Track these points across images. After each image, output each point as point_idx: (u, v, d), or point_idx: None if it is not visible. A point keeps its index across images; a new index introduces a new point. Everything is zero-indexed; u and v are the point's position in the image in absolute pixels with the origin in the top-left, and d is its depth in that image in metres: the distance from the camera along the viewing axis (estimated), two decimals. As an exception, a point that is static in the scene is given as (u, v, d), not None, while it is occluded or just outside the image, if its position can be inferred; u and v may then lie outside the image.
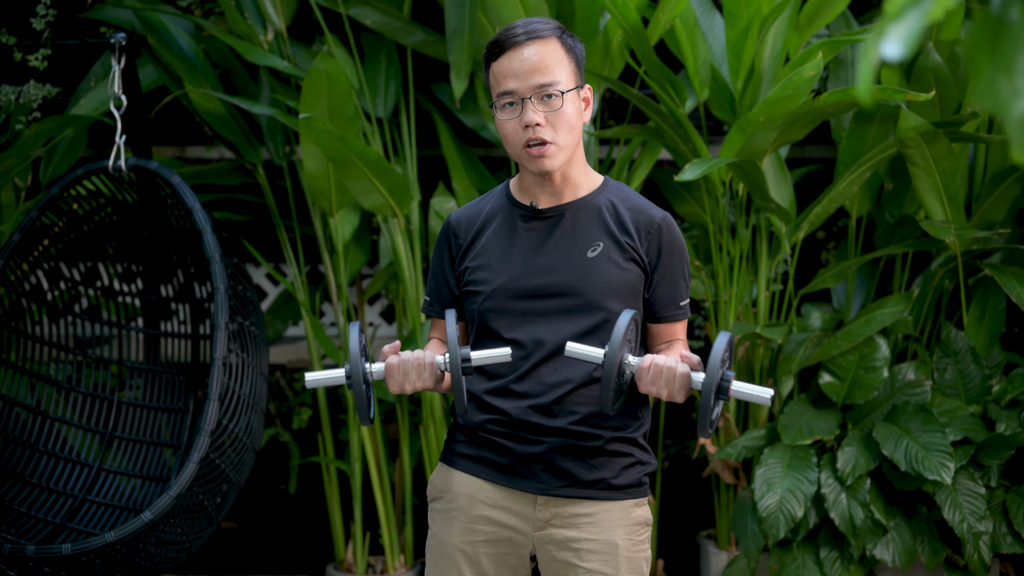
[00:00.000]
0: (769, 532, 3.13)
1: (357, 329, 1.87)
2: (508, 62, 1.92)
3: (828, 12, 3.21)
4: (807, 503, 3.13)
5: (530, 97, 1.91)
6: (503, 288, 1.98)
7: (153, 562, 2.91)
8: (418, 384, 1.88)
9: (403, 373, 1.87)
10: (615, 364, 1.77)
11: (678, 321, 2.03)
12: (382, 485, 3.58)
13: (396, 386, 1.87)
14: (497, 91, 1.94)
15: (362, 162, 3.09)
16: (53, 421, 3.33)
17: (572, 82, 1.94)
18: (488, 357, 1.87)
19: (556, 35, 1.95)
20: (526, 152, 1.93)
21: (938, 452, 3.05)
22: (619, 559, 1.98)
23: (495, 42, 1.95)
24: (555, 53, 1.93)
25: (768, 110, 2.97)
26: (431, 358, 1.87)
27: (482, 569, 2.02)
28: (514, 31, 1.94)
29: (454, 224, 2.08)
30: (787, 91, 2.92)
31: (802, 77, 2.88)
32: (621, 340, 1.77)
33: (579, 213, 2.00)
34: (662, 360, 1.81)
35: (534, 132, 1.91)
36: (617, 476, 2.00)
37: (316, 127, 2.96)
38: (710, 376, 1.76)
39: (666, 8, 3.14)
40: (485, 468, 2.01)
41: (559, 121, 1.92)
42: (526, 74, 1.91)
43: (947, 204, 3.23)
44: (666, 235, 1.99)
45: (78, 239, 3.36)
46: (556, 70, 1.92)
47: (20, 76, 3.71)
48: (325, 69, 3.04)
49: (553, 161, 1.93)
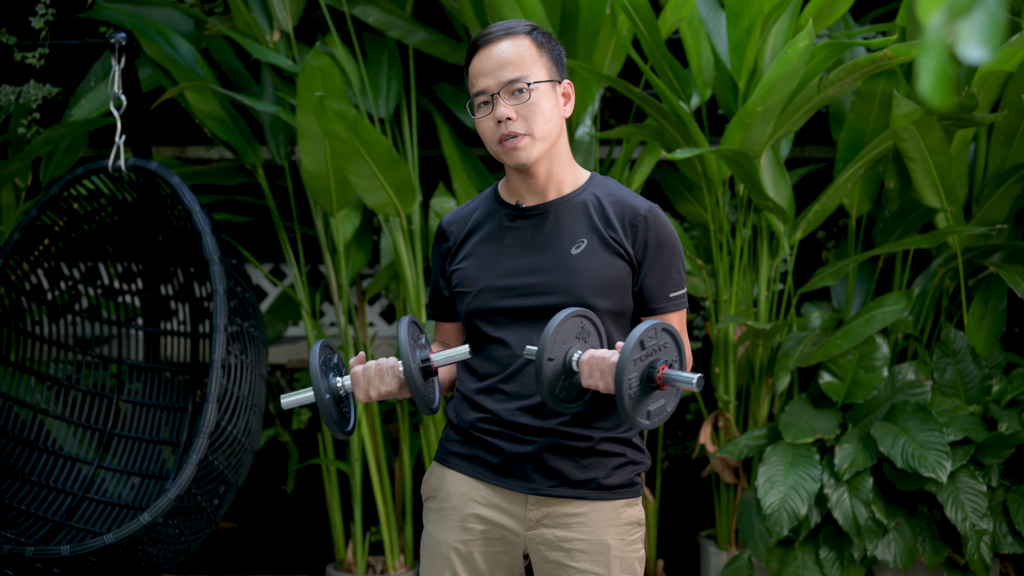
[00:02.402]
0: (772, 530, 3.13)
1: (318, 347, 1.92)
2: (480, 62, 1.95)
3: (831, 12, 3.20)
4: (810, 500, 3.13)
5: (499, 93, 1.92)
6: (489, 288, 1.99)
7: (151, 562, 2.91)
8: (382, 389, 1.91)
9: (367, 380, 1.92)
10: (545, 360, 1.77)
11: (669, 313, 2.00)
12: (382, 485, 3.58)
13: (362, 394, 1.92)
14: (473, 91, 1.97)
15: (370, 154, 3.07)
16: (53, 419, 3.33)
17: (545, 76, 1.95)
18: (448, 357, 1.90)
19: (526, 31, 1.97)
20: (502, 147, 1.95)
21: (935, 450, 3.05)
22: (611, 559, 1.98)
23: (470, 44, 1.99)
24: (525, 49, 1.94)
25: (766, 96, 2.96)
26: (391, 363, 1.91)
27: (476, 567, 2.02)
28: (487, 30, 1.97)
29: (445, 228, 2.10)
30: (783, 68, 2.90)
31: (796, 48, 2.87)
32: (550, 337, 1.77)
33: (564, 210, 2.00)
34: (599, 353, 1.80)
35: (506, 126, 1.92)
36: (608, 476, 2.00)
37: (328, 108, 2.94)
38: (622, 360, 1.72)
39: (673, 8, 3.13)
40: (477, 467, 2.02)
41: (531, 113, 1.93)
42: (496, 71, 1.93)
43: (944, 197, 3.23)
44: (652, 227, 1.98)
45: (78, 239, 3.36)
46: (526, 65, 1.93)
47: (20, 76, 3.71)
48: (318, 65, 3.04)
49: (528, 153, 1.94)
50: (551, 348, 1.78)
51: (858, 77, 3.06)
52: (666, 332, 1.81)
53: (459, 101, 3.60)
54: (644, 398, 1.77)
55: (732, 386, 3.44)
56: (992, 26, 0.80)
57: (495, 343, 1.99)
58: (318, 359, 1.90)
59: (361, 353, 1.96)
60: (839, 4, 3.19)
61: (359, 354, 1.95)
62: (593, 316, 1.88)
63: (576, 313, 1.83)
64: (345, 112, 2.95)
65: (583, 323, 1.85)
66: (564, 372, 1.82)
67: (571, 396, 1.86)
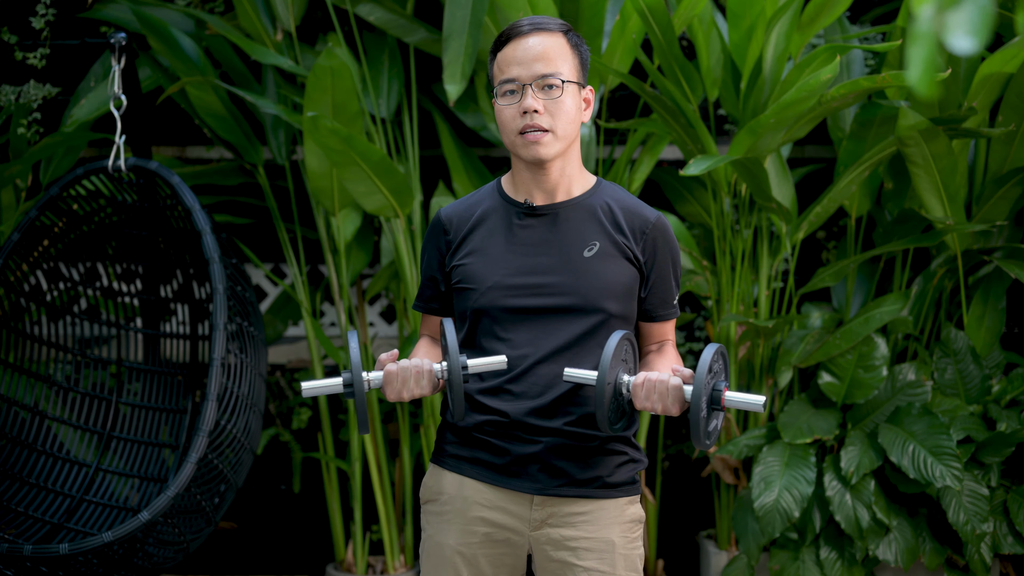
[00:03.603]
0: (765, 531, 3.13)
1: (356, 338, 1.89)
2: (512, 51, 1.94)
3: (830, 13, 3.20)
4: (804, 503, 3.13)
5: (531, 84, 1.92)
6: (498, 286, 1.97)
7: (151, 562, 2.91)
8: (416, 392, 1.89)
9: (402, 381, 1.88)
10: (605, 386, 1.79)
11: (669, 320, 2.05)
12: (382, 485, 3.58)
13: (394, 394, 1.89)
14: (500, 79, 1.95)
15: (365, 163, 3.08)
16: (52, 421, 3.33)
17: (575, 77, 1.96)
18: (484, 365, 1.89)
19: (562, 31, 1.97)
20: (521, 139, 1.94)
21: (946, 456, 3.04)
22: (616, 556, 1.98)
23: (502, 33, 1.98)
24: (560, 47, 1.95)
25: (780, 113, 2.97)
26: (428, 366, 1.89)
27: (480, 570, 2.01)
28: (521, 23, 1.96)
29: (445, 220, 2.06)
30: (802, 94, 2.92)
31: (819, 80, 2.88)
32: (611, 361, 1.79)
33: (574, 212, 2.00)
34: (655, 376, 1.83)
35: (531, 119, 1.92)
36: (611, 474, 2.00)
37: (322, 126, 2.95)
38: (697, 388, 1.77)
39: (685, 7, 3.13)
40: (479, 469, 2.01)
41: (558, 110, 1.93)
42: (529, 62, 1.92)
43: (946, 202, 3.23)
44: (661, 236, 2.00)
45: (78, 239, 3.36)
46: (559, 62, 1.93)
47: (20, 76, 3.71)
48: (330, 66, 3.04)
49: (548, 149, 1.94)
50: (610, 373, 1.81)
51: (860, 95, 3.07)
52: (722, 356, 1.87)
53: (459, 101, 3.60)
54: (710, 420, 1.83)
55: (733, 387, 3.44)
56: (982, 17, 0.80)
57: (502, 342, 1.97)
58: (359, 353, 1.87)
59: (394, 351, 1.92)
60: (837, 5, 3.19)
61: (391, 351, 1.92)
62: (633, 339, 1.92)
63: (625, 336, 1.86)
64: (338, 129, 2.96)
65: (627, 347, 1.89)
66: (614, 394, 1.84)
67: (619, 416, 1.89)
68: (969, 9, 0.80)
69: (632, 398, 1.85)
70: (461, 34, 3.22)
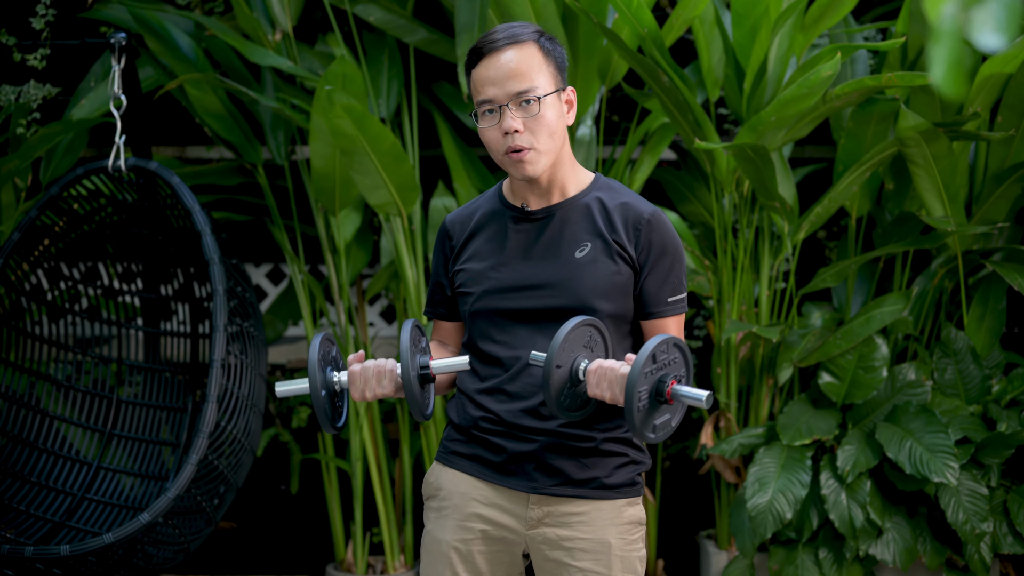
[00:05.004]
0: (757, 531, 3.14)
1: (319, 340, 1.91)
2: (486, 69, 1.93)
3: (834, 13, 3.20)
4: (797, 505, 3.13)
5: (507, 104, 1.91)
6: (493, 289, 1.99)
7: (151, 562, 2.91)
8: (378, 391, 1.91)
9: (363, 381, 1.91)
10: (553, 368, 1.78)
11: (667, 317, 2.00)
12: (382, 485, 3.58)
13: (357, 393, 1.92)
14: (477, 99, 1.95)
15: (375, 151, 3.07)
16: (53, 419, 3.33)
17: (551, 86, 1.94)
18: (448, 365, 1.91)
19: (534, 39, 1.95)
20: (508, 158, 1.94)
21: (942, 453, 3.05)
22: (612, 558, 1.98)
23: (474, 49, 1.96)
24: (532, 58, 1.93)
25: (781, 110, 2.97)
26: (390, 366, 1.91)
27: (475, 567, 2.02)
28: (491, 36, 1.94)
29: (448, 227, 2.10)
30: (803, 90, 2.92)
31: (819, 76, 2.88)
32: (561, 344, 1.77)
33: (568, 214, 2.00)
34: (608, 363, 1.81)
35: (513, 139, 1.92)
36: (610, 475, 2.00)
37: (337, 102, 2.93)
38: (633, 374, 1.73)
39: (683, 10, 3.13)
40: (478, 466, 2.02)
41: (538, 127, 1.92)
42: (503, 81, 1.91)
43: (947, 203, 3.23)
44: (655, 230, 1.98)
45: (78, 239, 3.36)
46: (534, 75, 1.92)
47: (20, 76, 3.71)
48: (342, 72, 3.04)
49: (535, 167, 1.94)
50: (560, 355, 1.79)
51: (863, 94, 3.07)
52: (676, 347, 1.82)
53: (459, 101, 3.60)
54: (652, 412, 1.79)
55: (733, 387, 3.44)
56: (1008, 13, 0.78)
57: (498, 344, 1.99)
58: (317, 352, 1.90)
59: (360, 352, 1.95)
60: (842, 5, 3.19)
61: (358, 352, 1.95)
62: (601, 326, 1.89)
63: (585, 322, 1.83)
64: (353, 106, 2.95)
65: (591, 332, 1.86)
66: (570, 380, 1.83)
67: (575, 404, 1.87)
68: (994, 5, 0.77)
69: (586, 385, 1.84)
70: (472, 28, 3.21)
